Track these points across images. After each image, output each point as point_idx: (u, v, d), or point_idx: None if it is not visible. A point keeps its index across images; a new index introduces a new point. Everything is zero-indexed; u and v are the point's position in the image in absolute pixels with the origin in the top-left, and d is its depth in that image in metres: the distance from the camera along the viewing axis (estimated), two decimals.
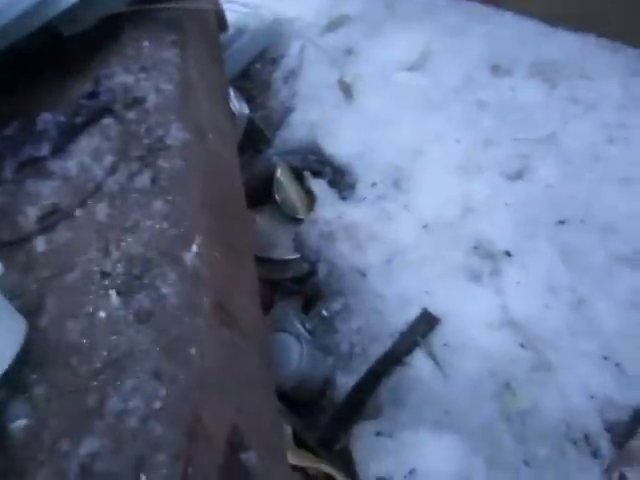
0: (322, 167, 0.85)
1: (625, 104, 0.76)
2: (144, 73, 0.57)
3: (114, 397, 0.30)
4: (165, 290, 0.35)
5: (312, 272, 0.73)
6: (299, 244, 0.76)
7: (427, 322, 0.60)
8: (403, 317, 0.64)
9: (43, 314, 0.35)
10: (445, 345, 0.59)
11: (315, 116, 0.94)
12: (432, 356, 0.59)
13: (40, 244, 0.41)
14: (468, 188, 0.74)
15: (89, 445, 0.29)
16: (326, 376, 0.65)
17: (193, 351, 0.32)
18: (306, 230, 0.77)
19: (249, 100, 1.10)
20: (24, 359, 0.32)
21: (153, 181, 0.43)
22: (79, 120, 0.52)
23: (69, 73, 0.59)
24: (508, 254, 0.66)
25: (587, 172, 0.72)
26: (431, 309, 0.61)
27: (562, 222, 0.68)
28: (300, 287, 0.73)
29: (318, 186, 0.81)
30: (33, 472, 0.29)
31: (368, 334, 0.64)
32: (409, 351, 0.59)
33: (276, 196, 0.81)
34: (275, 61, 1.17)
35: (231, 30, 1.07)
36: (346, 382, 0.63)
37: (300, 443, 0.58)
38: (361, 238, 0.72)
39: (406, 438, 0.55)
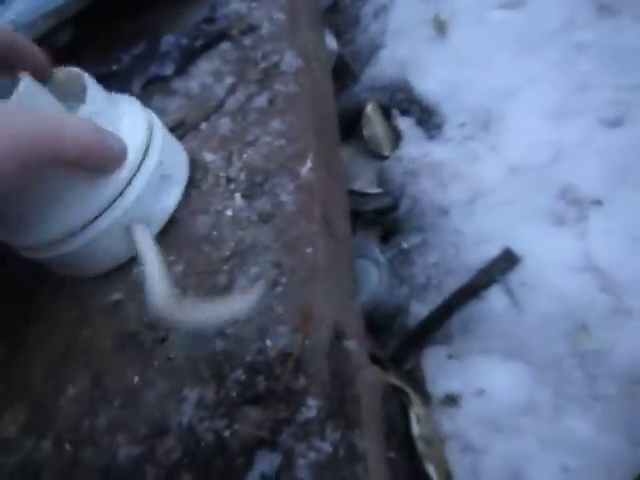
0: (410, 105, 0.85)
1: None
2: (256, 2, 0.60)
3: (242, 279, 0.36)
4: (284, 197, 0.39)
5: (393, 206, 0.76)
6: (382, 179, 0.79)
7: (508, 260, 0.61)
8: (481, 255, 0.65)
9: (180, 209, 0.41)
10: (523, 284, 0.61)
11: (405, 53, 0.93)
12: (509, 292, 0.61)
13: None
14: (560, 133, 0.72)
15: None
16: (400, 304, 0.69)
17: (309, 250, 0.36)
18: (390, 166, 0.79)
19: (337, 35, 1.09)
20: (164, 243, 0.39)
21: (270, 102, 0.47)
22: (198, 43, 0.57)
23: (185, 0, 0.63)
24: (598, 202, 0.64)
25: None
26: (512, 249, 0.63)
27: None
28: (381, 219, 0.77)
29: (405, 124, 0.82)
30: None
31: (445, 268, 0.67)
32: (486, 286, 0.62)
33: (364, 131, 0.83)
34: None
35: None
36: (420, 310, 0.66)
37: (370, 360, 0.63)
38: (445, 177, 0.73)
39: (475, 363, 0.59)
